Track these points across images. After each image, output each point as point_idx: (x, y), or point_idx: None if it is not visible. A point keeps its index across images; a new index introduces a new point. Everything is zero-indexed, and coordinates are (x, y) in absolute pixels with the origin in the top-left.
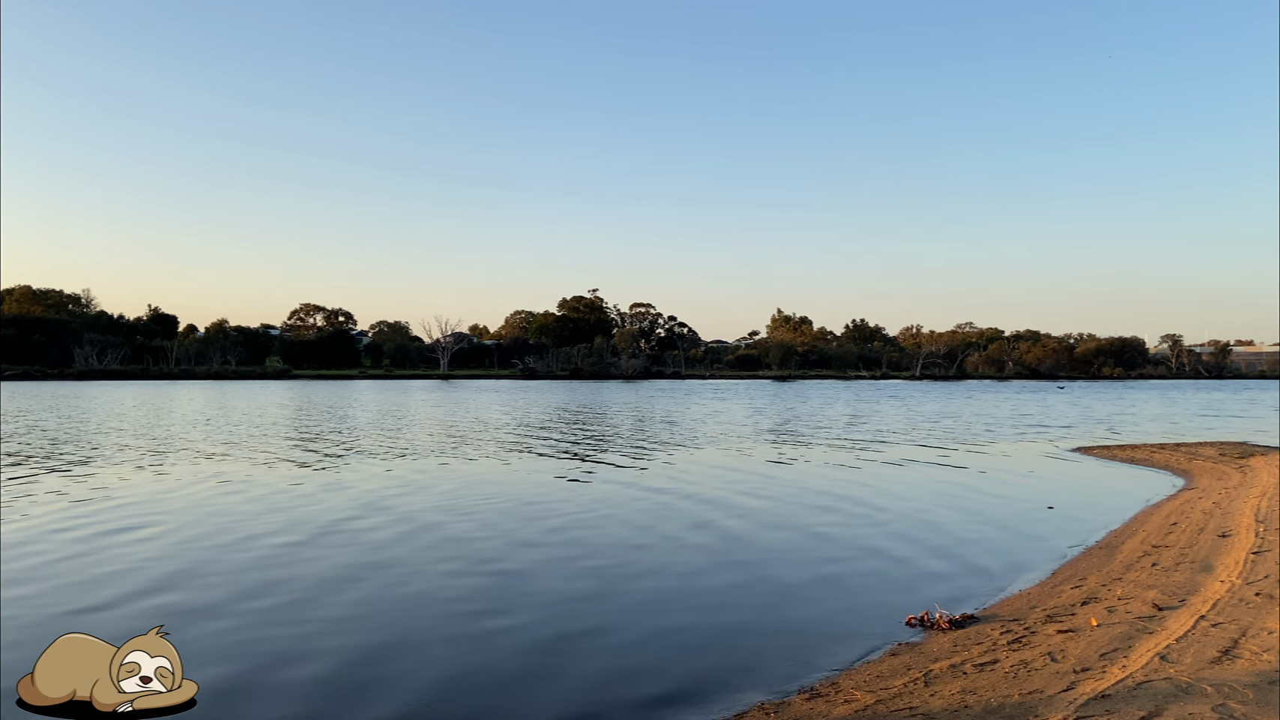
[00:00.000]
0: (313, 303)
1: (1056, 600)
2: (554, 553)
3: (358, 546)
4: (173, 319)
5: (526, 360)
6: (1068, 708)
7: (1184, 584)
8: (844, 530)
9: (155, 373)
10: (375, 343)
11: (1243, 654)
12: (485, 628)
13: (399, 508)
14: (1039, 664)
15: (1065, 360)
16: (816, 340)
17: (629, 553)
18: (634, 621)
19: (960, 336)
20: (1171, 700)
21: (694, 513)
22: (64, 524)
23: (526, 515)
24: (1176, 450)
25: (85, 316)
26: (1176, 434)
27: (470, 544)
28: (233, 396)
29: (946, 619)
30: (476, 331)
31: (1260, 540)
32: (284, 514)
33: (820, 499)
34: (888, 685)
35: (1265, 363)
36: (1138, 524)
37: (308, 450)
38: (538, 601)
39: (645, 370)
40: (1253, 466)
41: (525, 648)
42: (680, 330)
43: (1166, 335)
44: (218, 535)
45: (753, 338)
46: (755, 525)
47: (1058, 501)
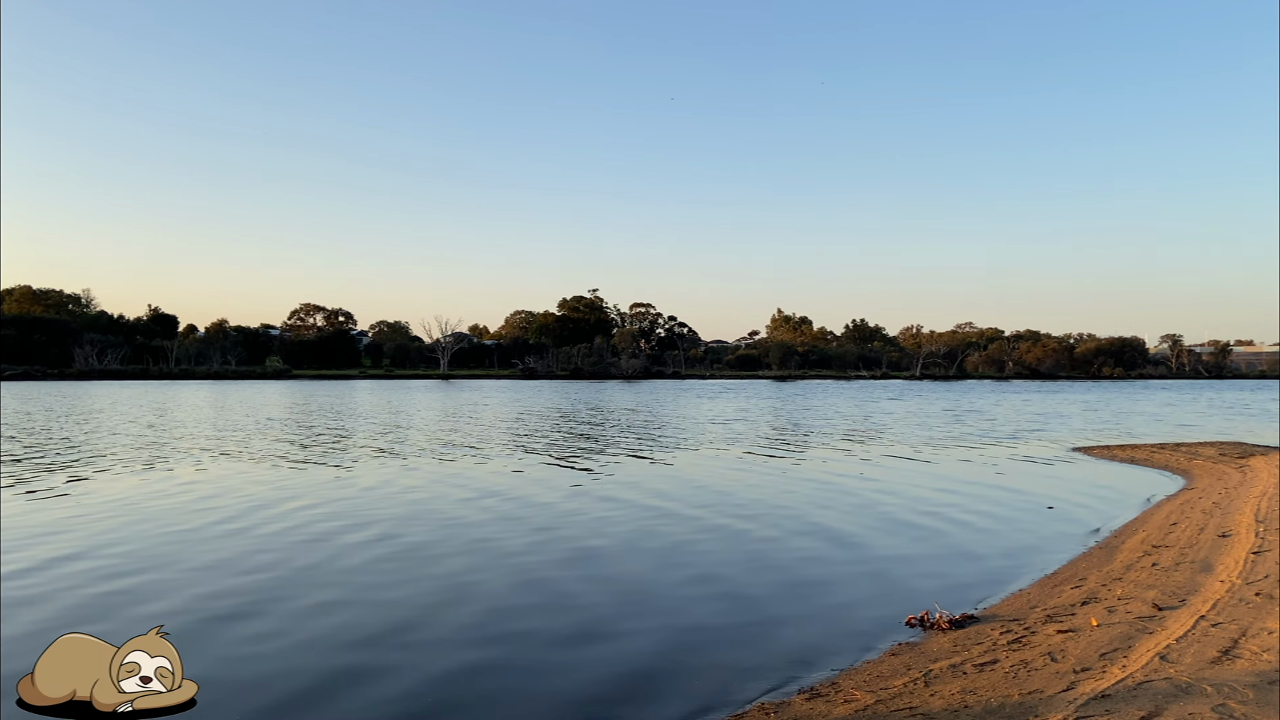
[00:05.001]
0: (313, 303)
1: (1056, 600)
2: (552, 552)
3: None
4: (173, 319)
5: (526, 360)
6: (1068, 708)
7: (1184, 584)
8: (844, 530)
9: (155, 373)
10: (375, 343)
11: (1243, 654)
12: (486, 628)
13: (395, 508)
14: (1039, 664)
15: (1065, 360)
16: (816, 340)
17: (628, 552)
18: (633, 621)
19: (960, 336)
20: (1171, 700)
21: (693, 513)
22: (62, 524)
23: (524, 515)
24: (1176, 450)
25: (85, 316)
26: (1176, 434)
27: (471, 543)
28: (236, 396)
29: (946, 619)
30: (476, 331)
31: (1260, 540)
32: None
33: (819, 498)
34: (888, 685)
35: (1265, 363)
36: (1138, 524)
37: (327, 449)
38: (538, 601)
39: (645, 370)
40: (1252, 466)
41: (524, 648)
42: (680, 330)
43: (1166, 335)
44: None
45: (753, 338)
46: (754, 525)
47: (1057, 501)
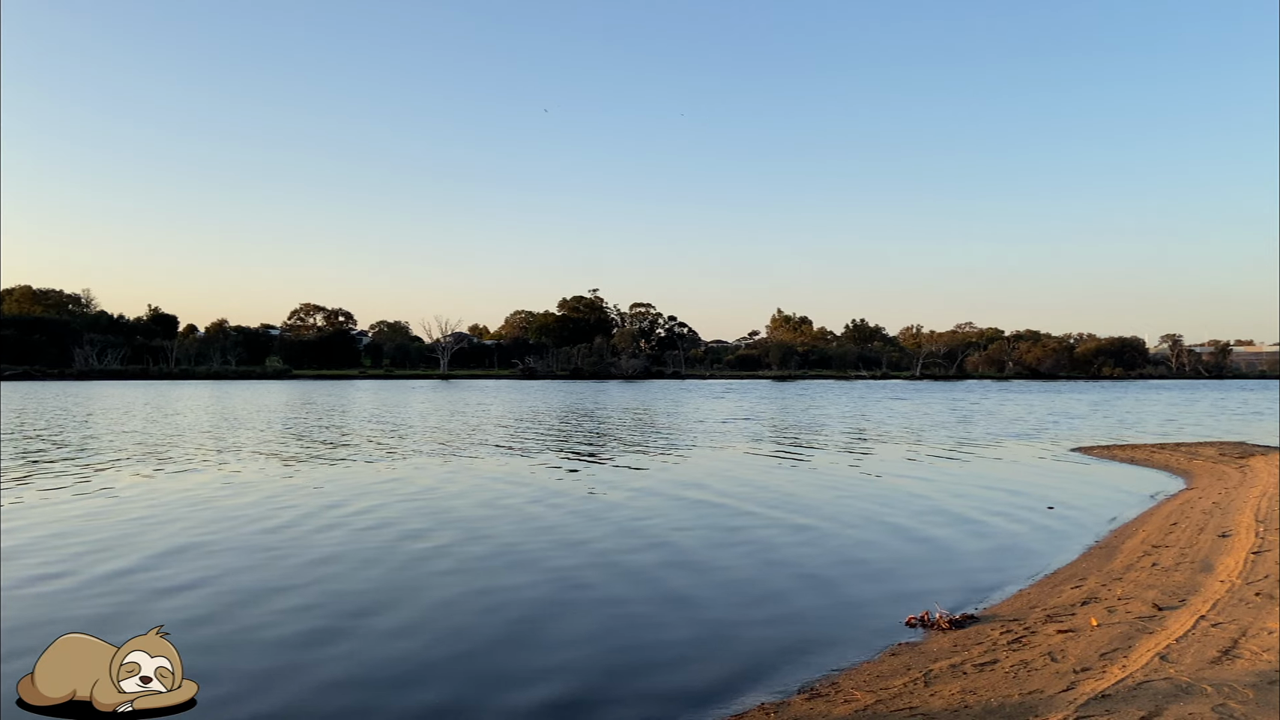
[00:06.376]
0: (313, 303)
1: (1056, 600)
2: (552, 552)
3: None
4: (173, 319)
5: (526, 360)
6: (1068, 708)
7: (1184, 584)
8: (843, 530)
9: (155, 373)
10: (375, 343)
11: (1243, 654)
12: (485, 627)
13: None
14: (1039, 664)
15: (1065, 360)
16: (816, 340)
17: (627, 552)
18: (633, 621)
19: (960, 336)
20: (1171, 700)
21: (693, 513)
22: (60, 525)
23: (525, 514)
24: (1176, 450)
25: (85, 316)
26: (1176, 434)
27: (473, 544)
28: (241, 396)
29: (946, 619)
30: (476, 331)
31: (1260, 540)
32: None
33: (819, 498)
34: (888, 685)
35: (1265, 363)
36: (1138, 524)
37: (338, 447)
38: (538, 601)
39: (645, 370)
40: (1252, 466)
41: (526, 647)
42: (680, 330)
43: (1166, 335)
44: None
45: (753, 338)
46: (754, 525)
47: (1057, 501)
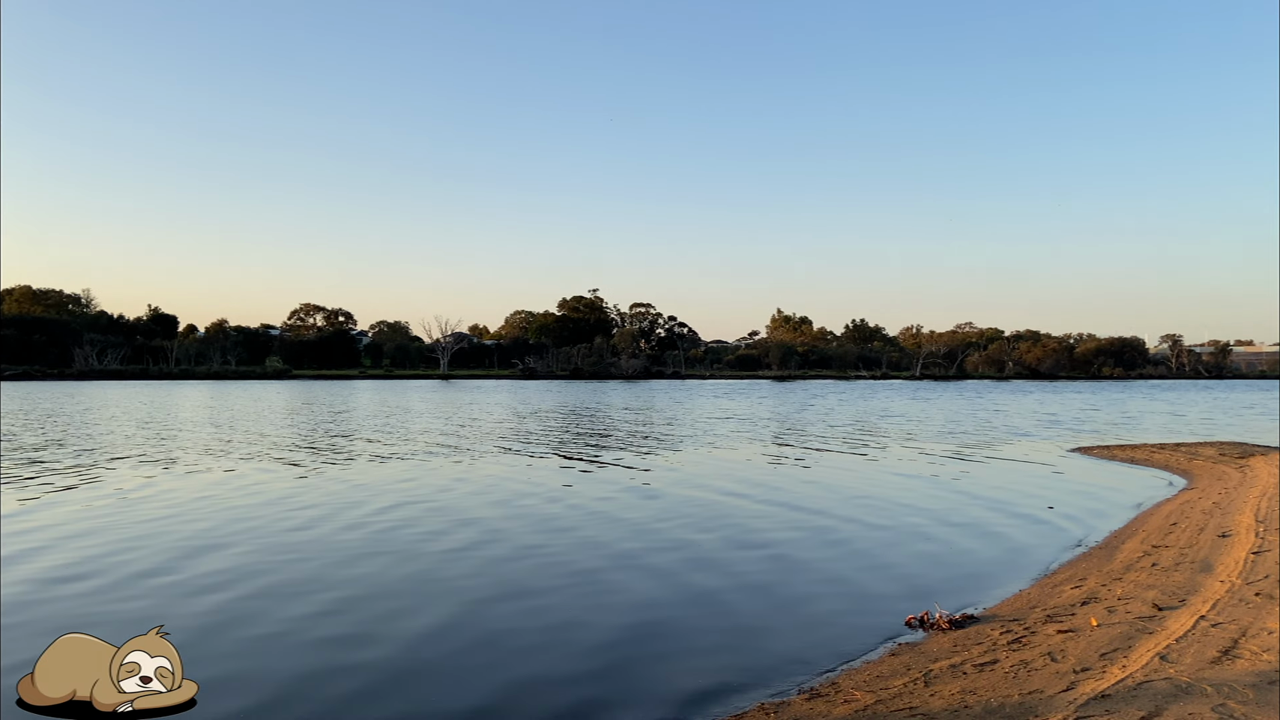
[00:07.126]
0: (313, 303)
1: (1056, 600)
2: (552, 552)
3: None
4: (173, 319)
5: (526, 360)
6: (1068, 708)
7: (1184, 584)
8: (843, 530)
9: (155, 373)
10: (375, 343)
11: (1243, 654)
12: (484, 628)
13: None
14: (1039, 664)
15: (1065, 360)
16: (816, 340)
17: (627, 553)
18: (632, 621)
19: (960, 336)
20: (1171, 700)
21: (693, 513)
22: (74, 526)
23: (527, 515)
24: (1176, 450)
25: (85, 316)
26: (1176, 434)
27: (473, 544)
28: (244, 396)
29: (946, 619)
30: (476, 331)
31: (1260, 540)
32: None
33: (819, 499)
34: (888, 685)
35: (1265, 363)
36: (1138, 524)
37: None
38: (538, 600)
39: (645, 370)
40: (1252, 466)
41: (525, 646)
42: (680, 330)
43: (1166, 335)
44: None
45: (753, 338)
46: (754, 525)
47: (1057, 501)
